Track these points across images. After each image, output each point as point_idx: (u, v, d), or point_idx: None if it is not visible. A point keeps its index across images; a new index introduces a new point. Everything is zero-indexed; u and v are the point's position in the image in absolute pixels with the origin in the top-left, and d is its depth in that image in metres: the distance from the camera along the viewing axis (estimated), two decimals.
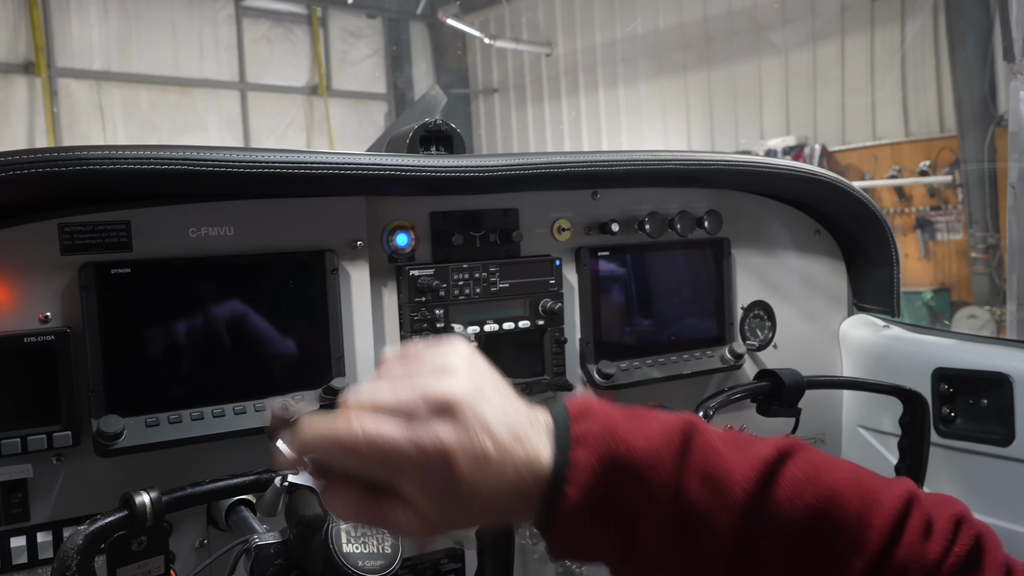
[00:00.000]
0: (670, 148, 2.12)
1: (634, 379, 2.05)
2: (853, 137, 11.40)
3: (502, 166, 1.80)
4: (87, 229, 1.53)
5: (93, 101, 11.05)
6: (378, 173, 1.68)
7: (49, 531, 1.52)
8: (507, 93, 15.85)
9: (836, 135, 11.56)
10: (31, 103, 10.53)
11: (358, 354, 1.77)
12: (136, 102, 11.50)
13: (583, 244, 2.03)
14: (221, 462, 1.64)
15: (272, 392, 1.67)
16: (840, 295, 2.42)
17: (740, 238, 2.23)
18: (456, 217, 1.89)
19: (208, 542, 1.66)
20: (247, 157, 1.56)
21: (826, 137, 11.54)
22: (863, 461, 2.31)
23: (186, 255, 1.61)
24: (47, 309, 1.51)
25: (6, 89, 10.38)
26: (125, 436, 1.51)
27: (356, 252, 1.76)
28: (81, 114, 10.96)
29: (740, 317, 2.25)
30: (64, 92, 10.85)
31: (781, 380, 1.75)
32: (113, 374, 1.54)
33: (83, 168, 1.43)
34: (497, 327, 1.88)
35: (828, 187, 2.20)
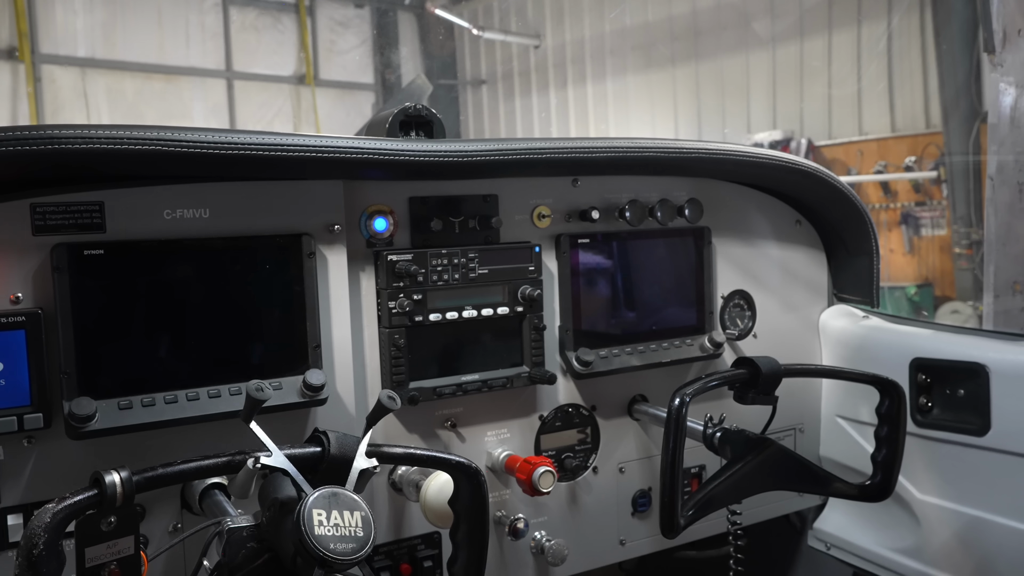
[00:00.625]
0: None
1: (613, 367, 2.05)
2: (839, 132, 11.43)
3: (482, 151, 1.79)
4: (60, 209, 1.52)
5: (77, 88, 10.93)
6: (356, 156, 1.67)
7: (20, 513, 1.51)
8: (495, 84, 15.80)
9: (822, 130, 11.59)
10: (14, 89, 10.41)
11: (335, 342, 1.75)
12: (121, 89, 11.39)
13: (563, 231, 2.02)
14: (195, 446, 1.63)
15: (247, 377, 1.65)
16: (820, 285, 2.42)
17: (720, 227, 2.23)
18: (435, 202, 1.88)
19: (182, 525, 1.65)
20: (222, 139, 1.55)
21: (812, 132, 11.57)
22: (841, 451, 2.33)
23: (161, 237, 1.59)
24: (18, 290, 1.49)
25: None
26: (97, 419, 1.50)
27: (333, 236, 1.75)
28: (65, 101, 10.84)
29: (720, 306, 2.25)
30: (48, 79, 10.73)
31: (758, 368, 1.75)
32: (85, 356, 1.52)
33: (56, 147, 1.42)
34: (476, 313, 1.88)
35: (809, 177, 2.20)
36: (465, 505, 1.46)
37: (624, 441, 2.15)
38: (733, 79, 12.74)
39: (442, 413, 1.91)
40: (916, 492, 2.13)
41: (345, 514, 1.24)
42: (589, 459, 2.10)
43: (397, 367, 1.81)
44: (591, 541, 2.11)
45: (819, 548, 2.43)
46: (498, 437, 1.98)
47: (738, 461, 1.77)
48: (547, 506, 2.04)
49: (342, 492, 1.27)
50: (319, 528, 1.21)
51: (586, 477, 2.10)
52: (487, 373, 1.91)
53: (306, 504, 1.22)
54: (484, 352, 1.93)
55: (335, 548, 1.20)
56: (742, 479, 1.76)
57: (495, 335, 1.94)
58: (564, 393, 2.06)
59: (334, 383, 1.75)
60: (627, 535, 2.16)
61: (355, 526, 1.24)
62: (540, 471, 1.82)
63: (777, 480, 1.81)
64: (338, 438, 1.37)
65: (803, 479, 1.84)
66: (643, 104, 14.03)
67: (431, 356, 1.87)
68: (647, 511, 2.19)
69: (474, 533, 1.46)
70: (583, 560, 2.09)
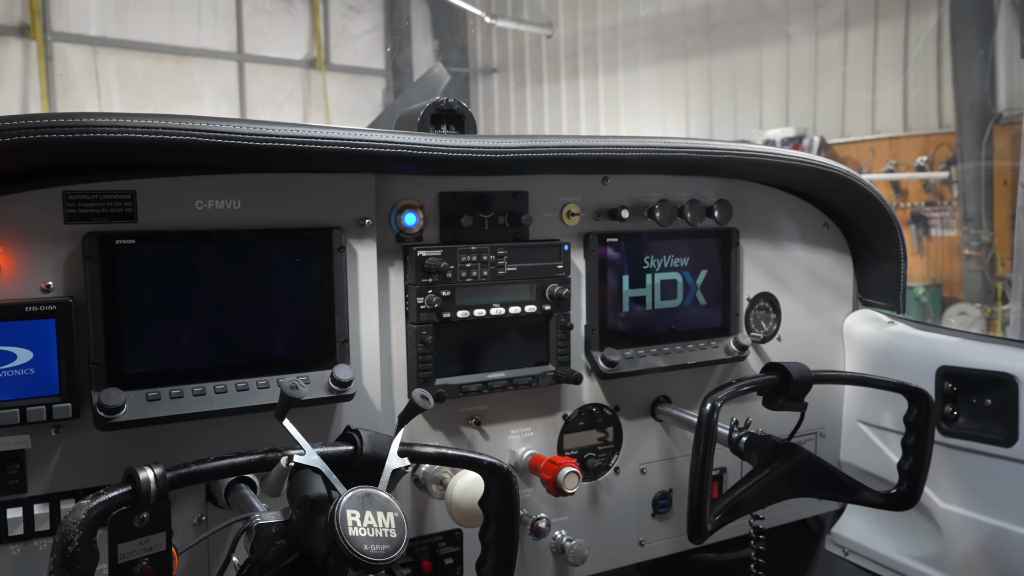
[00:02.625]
0: (668, 134, 2.10)
1: (638, 367, 2.03)
2: (852, 130, 11.38)
3: (514, 148, 1.77)
4: (92, 198, 1.50)
5: (89, 67, 10.90)
6: (389, 151, 1.65)
7: (46, 503, 1.50)
8: (506, 73, 15.75)
9: (835, 127, 11.54)
10: (26, 67, 10.38)
11: (363, 337, 1.74)
12: (132, 69, 11.36)
13: (592, 230, 2.00)
14: (222, 439, 1.63)
15: (275, 371, 1.65)
16: (846, 289, 2.40)
17: (748, 229, 2.22)
18: (465, 198, 1.86)
19: (207, 519, 1.64)
20: (257, 130, 1.53)
21: (825, 129, 11.52)
22: (862, 457, 2.31)
23: (192, 228, 1.58)
24: (49, 278, 1.48)
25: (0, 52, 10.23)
26: (126, 410, 1.48)
27: (364, 230, 1.74)
28: (76, 80, 10.81)
29: (746, 308, 2.23)
30: (59, 57, 10.70)
31: (789, 374, 1.73)
32: (115, 347, 1.51)
33: (90, 136, 1.40)
34: (503, 311, 1.86)
35: (838, 180, 2.18)
36: (496, 506, 1.44)
37: (646, 442, 2.14)
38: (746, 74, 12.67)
39: (467, 410, 1.90)
40: (939, 500, 2.12)
41: (379, 515, 1.23)
42: (611, 459, 2.09)
43: (424, 363, 1.79)
44: (611, 541, 2.10)
45: (837, 553, 2.42)
46: (521, 435, 1.97)
47: (765, 467, 1.76)
48: (568, 506, 2.03)
49: (376, 492, 1.25)
50: (353, 529, 1.20)
51: (607, 477, 2.09)
52: (513, 371, 1.90)
53: (340, 504, 1.21)
54: (510, 350, 1.91)
55: (369, 549, 1.19)
56: (769, 485, 1.75)
57: (521, 333, 1.92)
58: (588, 393, 2.04)
59: (361, 379, 1.74)
60: (646, 536, 2.15)
61: (388, 527, 1.23)
62: (565, 472, 1.80)
63: (804, 487, 1.80)
64: (370, 437, 1.36)
65: (829, 486, 1.83)
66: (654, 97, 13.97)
67: (457, 353, 1.86)
68: (667, 512, 2.18)
69: (504, 534, 1.45)
70: (602, 560, 2.09)
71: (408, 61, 15.14)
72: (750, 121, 12.60)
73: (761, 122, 12.48)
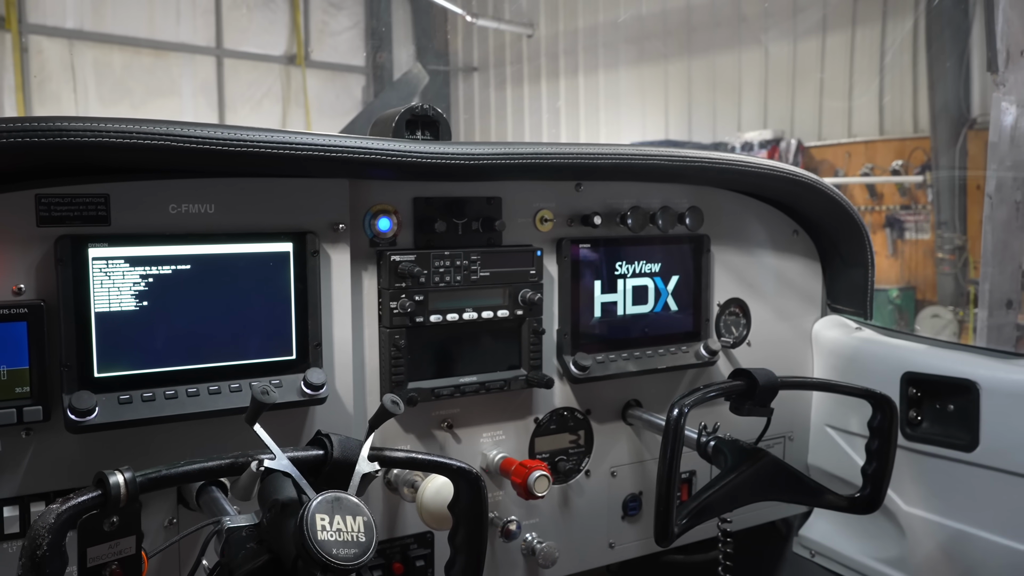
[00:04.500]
0: (648, 135, 2.13)
1: (609, 372, 2.06)
2: (829, 133, 11.49)
3: (488, 155, 1.79)
4: (65, 201, 1.50)
5: (65, 60, 10.79)
6: (363, 157, 1.66)
7: (16, 506, 1.50)
8: (487, 72, 15.76)
9: (812, 131, 11.64)
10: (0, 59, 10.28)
11: (336, 342, 1.75)
12: (109, 63, 11.25)
13: (565, 235, 2.03)
14: (194, 442, 1.63)
15: (248, 374, 1.66)
16: (815, 296, 2.44)
17: (719, 235, 2.25)
18: (439, 203, 1.88)
19: (177, 521, 1.65)
20: (231, 135, 1.54)
21: (802, 132, 11.63)
22: (829, 460, 2.35)
23: (165, 231, 1.58)
24: (21, 281, 1.48)
25: None
26: (97, 413, 1.49)
27: (338, 235, 1.75)
28: (52, 73, 10.70)
29: (716, 314, 2.26)
30: (35, 49, 10.59)
31: (755, 380, 1.76)
32: (86, 350, 1.52)
33: (64, 140, 1.40)
34: (476, 315, 1.88)
35: (808, 188, 2.22)
36: (465, 510, 1.46)
37: (617, 445, 2.16)
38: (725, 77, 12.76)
39: (439, 414, 1.92)
40: (903, 504, 2.16)
41: (348, 519, 1.25)
42: (582, 462, 2.12)
43: (396, 367, 1.81)
44: (581, 544, 2.12)
45: (804, 555, 2.46)
46: (493, 439, 1.99)
47: (732, 471, 1.79)
48: (539, 508, 2.05)
49: (345, 497, 1.27)
50: (322, 533, 1.21)
51: (578, 480, 2.12)
52: (485, 375, 1.92)
53: (309, 509, 1.22)
54: (482, 354, 1.93)
55: (337, 553, 1.21)
56: (736, 488, 1.77)
57: (494, 337, 1.94)
58: (560, 396, 2.07)
59: (333, 382, 1.75)
60: (616, 538, 2.18)
61: (357, 531, 1.24)
62: (535, 475, 1.83)
63: (770, 491, 1.83)
64: (340, 441, 1.37)
65: (795, 490, 1.86)
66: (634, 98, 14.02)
67: (430, 357, 1.87)
68: (637, 515, 2.20)
69: (473, 538, 1.46)
70: (572, 562, 2.11)
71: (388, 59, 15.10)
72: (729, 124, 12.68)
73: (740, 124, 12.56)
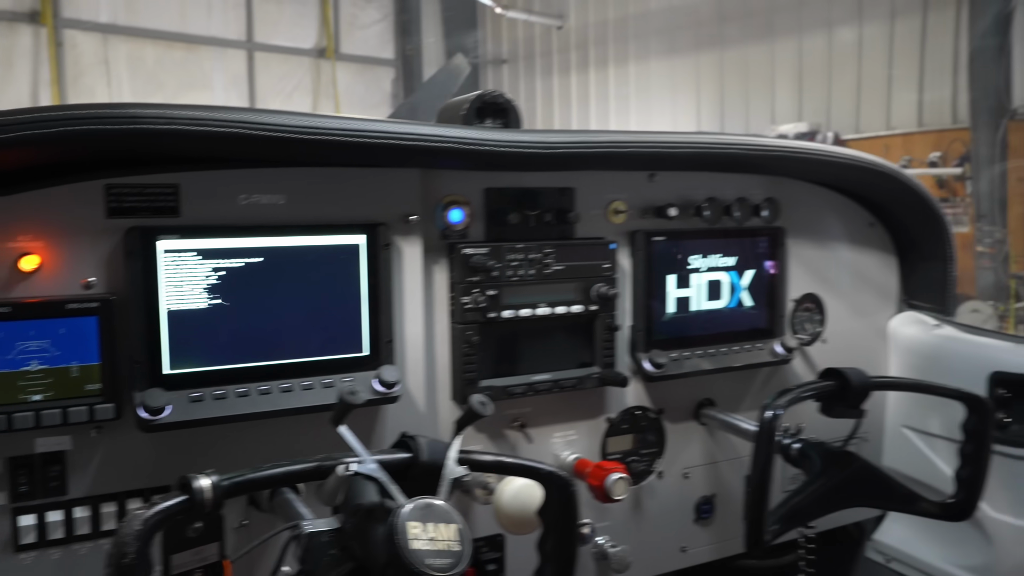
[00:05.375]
0: (679, 128, 2.04)
1: (684, 370, 1.98)
2: (867, 126, 11.30)
3: (564, 143, 1.71)
4: (135, 192, 1.45)
5: (99, 54, 10.84)
6: (437, 145, 1.60)
7: (87, 506, 1.45)
8: (516, 64, 15.66)
9: (850, 123, 11.45)
10: (36, 53, 10.33)
11: (407, 338, 1.69)
12: (142, 57, 11.30)
13: (638, 227, 1.95)
14: (262, 442, 1.58)
15: (319, 372, 1.59)
16: (890, 291, 2.34)
17: (794, 227, 2.16)
18: (512, 194, 1.80)
19: (248, 523, 1.59)
20: (305, 123, 1.48)
21: (839, 125, 11.43)
22: (906, 463, 2.26)
23: (235, 223, 1.52)
24: (91, 274, 1.43)
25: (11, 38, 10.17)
26: (169, 411, 1.43)
27: (409, 227, 1.68)
28: (86, 67, 10.76)
29: (791, 310, 2.18)
30: (70, 44, 10.64)
31: (848, 380, 1.68)
32: (156, 346, 1.46)
33: (136, 128, 1.35)
34: (549, 311, 1.81)
35: (888, 178, 2.12)
36: (555, 517, 1.39)
37: (690, 446, 2.08)
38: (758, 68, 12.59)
39: (510, 413, 1.84)
40: (990, 510, 2.06)
41: (440, 527, 1.18)
42: (654, 463, 2.04)
43: (469, 365, 1.74)
44: (653, 548, 2.05)
45: (878, 560, 2.37)
46: (565, 439, 1.92)
47: (821, 475, 1.71)
48: (610, 511, 1.97)
49: (436, 503, 1.20)
50: (415, 542, 1.15)
51: (650, 482, 2.04)
52: (558, 373, 1.85)
53: (400, 516, 1.16)
54: (554, 351, 1.86)
55: (432, 564, 1.14)
56: (826, 494, 1.70)
57: (566, 333, 1.87)
58: (632, 395, 1.99)
59: (406, 380, 1.69)
60: (689, 542, 2.10)
61: (451, 539, 1.18)
62: (614, 478, 1.75)
63: (861, 496, 1.75)
64: (428, 444, 1.31)
65: (887, 496, 1.78)
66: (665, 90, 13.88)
67: (502, 354, 1.80)
68: (710, 518, 2.12)
69: (563, 546, 1.39)
70: (644, 567, 2.03)
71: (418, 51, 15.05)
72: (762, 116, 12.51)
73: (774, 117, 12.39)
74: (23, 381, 1.37)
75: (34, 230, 1.39)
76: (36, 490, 1.42)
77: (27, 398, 1.37)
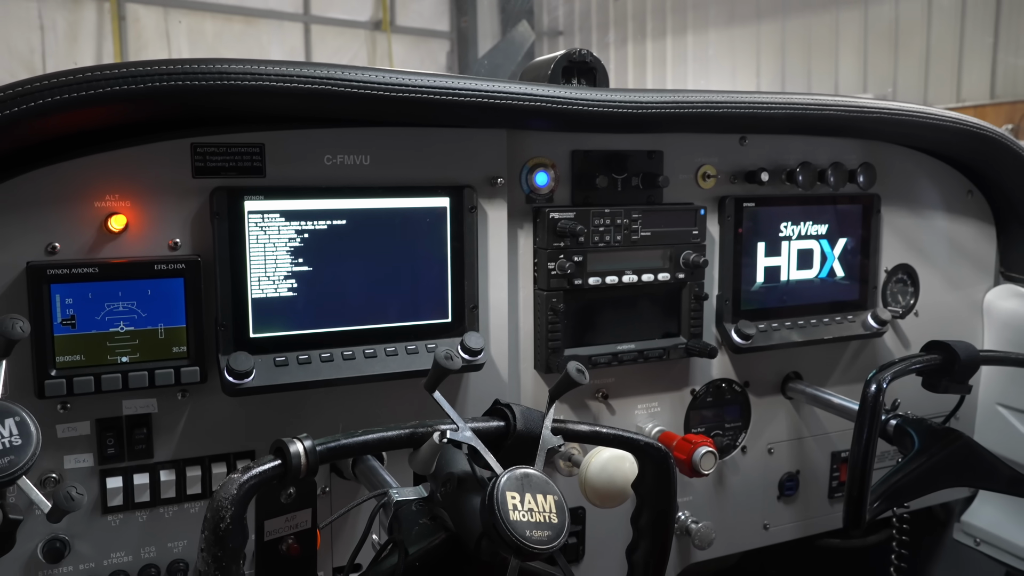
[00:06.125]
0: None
1: (772, 342, 1.90)
2: (936, 97, 10.93)
3: (655, 103, 1.64)
4: (220, 151, 1.42)
5: (160, 28, 10.96)
6: (527, 104, 1.54)
7: (172, 470, 1.44)
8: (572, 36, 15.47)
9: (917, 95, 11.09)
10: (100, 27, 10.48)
11: (491, 304, 1.64)
12: (202, 30, 11.39)
13: (728, 193, 1.87)
14: (344, 407, 1.55)
15: (402, 338, 1.56)
16: (988, 262, 2.23)
17: (889, 194, 2.06)
18: (599, 157, 1.74)
19: (330, 490, 1.57)
20: (392, 80, 1.43)
21: (906, 97, 11.08)
22: (1000, 442, 2.15)
23: (320, 184, 1.49)
24: (177, 235, 1.40)
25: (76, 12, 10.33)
26: (254, 375, 1.41)
27: (495, 190, 1.63)
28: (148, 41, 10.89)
29: (883, 281, 2.08)
30: (132, 17, 10.78)
31: (956, 354, 1.59)
32: (242, 309, 1.43)
33: (224, 83, 1.31)
34: (636, 278, 1.74)
35: (991, 144, 2.01)
36: (651, 490, 1.34)
37: (775, 420, 2.01)
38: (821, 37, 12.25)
39: (594, 383, 1.79)
40: None
41: (539, 498, 1.13)
42: (738, 438, 1.97)
43: (553, 333, 1.69)
44: (735, 524, 1.99)
45: (967, 543, 2.27)
46: (648, 411, 1.86)
47: (923, 453, 1.62)
48: (693, 486, 1.92)
49: (534, 473, 1.15)
50: (514, 513, 1.10)
51: (734, 457, 1.97)
52: (643, 343, 1.79)
53: (499, 486, 1.11)
54: (639, 320, 1.80)
55: (531, 535, 1.09)
56: (927, 473, 1.61)
57: (652, 302, 1.80)
58: (718, 367, 1.92)
59: (489, 348, 1.64)
60: (771, 519, 2.04)
61: (549, 511, 1.13)
62: (702, 451, 1.69)
63: (964, 476, 1.66)
64: (523, 412, 1.26)
65: (991, 476, 1.69)
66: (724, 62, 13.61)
67: (586, 322, 1.75)
68: (794, 495, 2.05)
69: (659, 521, 1.34)
70: (726, 544, 1.98)
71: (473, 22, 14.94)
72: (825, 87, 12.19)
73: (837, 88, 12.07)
74: (111, 342, 1.35)
75: (121, 189, 1.36)
76: (123, 452, 1.41)
77: (115, 360, 1.36)
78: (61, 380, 1.31)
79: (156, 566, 1.45)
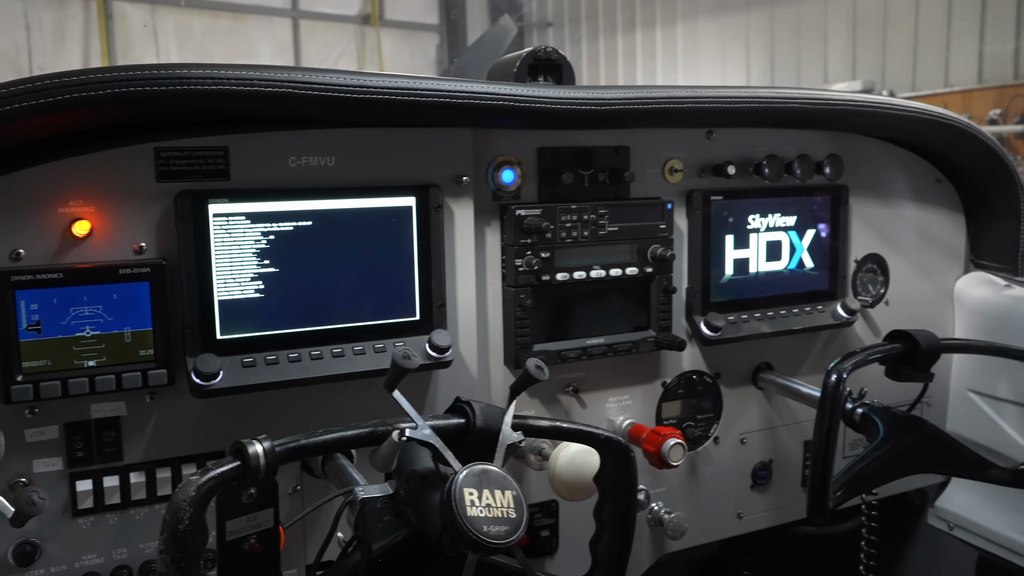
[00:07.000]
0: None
1: (742, 333, 1.92)
2: (924, 83, 10.95)
3: (619, 99, 1.66)
4: (184, 155, 1.43)
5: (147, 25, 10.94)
6: (490, 103, 1.55)
7: (142, 472, 1.45)
8: (562, 28, 15.48)
9: (906, 81, 11.12)
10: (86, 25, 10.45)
11: (459, 302, 1.66)
12: (189, 27, 11.38)
13: (695, 187, 1.89)
14: (314, 407, 1.56)
15: (370, 337, 1.57)
16: (957, 250, 2.25)
17: (857, 185, 2.07)
18: (565, 153, 1.75)
19: (302, 488, 1.59)
20: (355, 82, 1.44)
21: (895, 83, 11.12)
22: (971, 428, 2.18)
23: (285, 185, 1.50)
24: (142, 239, 1.42)
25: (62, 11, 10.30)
26: (221, 377, 1.42)
27: (461, 188, 1.64)
28: (135, 38, 10.87)
29: (853, 271, 2.10)
30: (119, 16, 10.75)
31: (916, 342, 1.61)
32: (208, 311, 1.45)
33: (184, 88, 1.32)
34: (604, 273, 1.76)
35: (959, 133, 2.03)
36: (612, 483, 1.36)
37: (747, 411, 2.03)
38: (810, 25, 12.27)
39: (564, 378, 1.81)
40: None
41: (496, 493, 1.15)
42: (710, 429, 1.99)
43: (522, 329, 1.71)
44: (709, 514, 2.01)
45: (941, 528, 2.30)
46: (619, 404, 1.88)
47: (887, 441, 1.64)
48: (666, 477, 1.94)
49: (492, 469, 1.17)
50: (471, 509, 1.12)
51: (706, 447, 2.00)
52: (612, 337, 1.80)
53: (456, 482, 1.13)
54: (608, 314, 1.82)
55: (488, 531, 1.11)
56: (892, 460, 1.63)
57: (621, 296, 1.82)
58: (688, 359, 1.94)
59: (458, 345, 1.66)
60: (745, 508, 2.06)
61: (507, 507, 1.15)
62: (671, 443, 1.71)
63: (929, 463, 1.68)
64: (483, 409, 1.27)
65: (955, 463, 1.71)
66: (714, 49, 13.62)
67: (555, 318, 1.76)
68: (767, 484, 2.08)
69: (621, 513, 1.36)
70: (700, 533, 2.00)
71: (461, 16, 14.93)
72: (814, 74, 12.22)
73: (826, 75, 12.10)
74: (77, 347, 1.37)
75: (85, 195, 1.38)
76: (92, 456, 1.42)
77: (82, 364, 1.37)
78: (28, 385, 1.33)
79: (128, 567, 1.46)
